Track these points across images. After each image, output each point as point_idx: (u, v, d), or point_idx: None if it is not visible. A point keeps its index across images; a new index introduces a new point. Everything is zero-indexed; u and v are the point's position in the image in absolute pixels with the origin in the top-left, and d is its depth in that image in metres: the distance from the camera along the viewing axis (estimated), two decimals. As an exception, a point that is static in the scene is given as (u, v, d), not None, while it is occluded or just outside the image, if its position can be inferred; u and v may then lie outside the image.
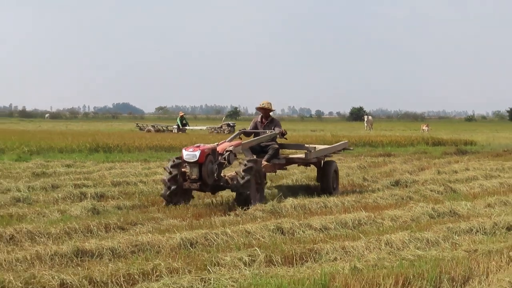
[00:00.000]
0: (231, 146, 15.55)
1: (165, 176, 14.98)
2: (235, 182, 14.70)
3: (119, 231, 12.06)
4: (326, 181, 17.88)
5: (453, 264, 9.35)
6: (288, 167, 19.41)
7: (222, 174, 15.23)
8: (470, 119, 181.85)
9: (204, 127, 63.42)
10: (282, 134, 17.70)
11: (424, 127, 74.58)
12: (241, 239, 11.29)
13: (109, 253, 10.02)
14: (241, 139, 17.65)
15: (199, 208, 14.88)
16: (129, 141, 35.72)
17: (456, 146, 40.67)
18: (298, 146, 19.36)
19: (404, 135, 51.13)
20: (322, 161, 18.53)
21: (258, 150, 17.15)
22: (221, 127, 60.93)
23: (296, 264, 9.75)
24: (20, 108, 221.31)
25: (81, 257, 9.78)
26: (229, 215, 14.02)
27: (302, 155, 17.94)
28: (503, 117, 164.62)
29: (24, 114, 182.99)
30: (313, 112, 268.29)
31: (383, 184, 19.87)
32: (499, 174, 22.58)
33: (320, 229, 12.45)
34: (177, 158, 14.93)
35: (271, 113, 18.68)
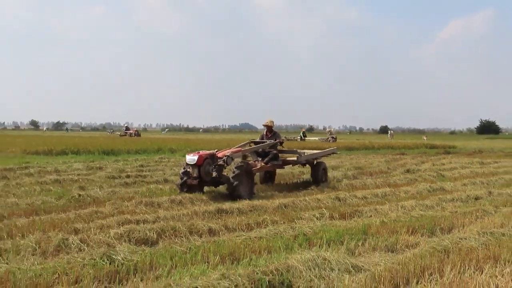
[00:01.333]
0: (229, 152, 13.37)
1: (179, 181, 12.88)
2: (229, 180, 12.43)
3: (247, 199, 12.09)
4: (316, 176, 15.56)
5: (442, 220, 9.31)
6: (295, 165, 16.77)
7: (225, 173, 12.98)
8: (452, 132, 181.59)
9: (317, 138, 61.14)
10: (281, 143, 15.38)
11: (424, 137, 73.88)
12: (314, 204, 11.34)
13: (237, 211, 10.16)
14: (250, 145, 15.23)
15: (289, 186, 14.94)
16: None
17: (444, 149, 40.69)
18: (292, 152, 16.36)
19: (412, 142, 50.64)
20: (315, 162, 16.07)
21: (263, 154, 14.73)
22: (328, 138, 58.90)
23: (347, 218, 9.75)
24: (185, 125, 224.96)
25: (220, 213, 9.94)
26: (307, 189, 14.05)
27: (295, 158, 15.47)
28: (472, 131, 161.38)
29: (187, 129, 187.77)
30: (357, 128, 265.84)
31: (399, 171, 19.57)
32: (470, 166, 22.21)
33: (362, 198, 12.40)
34: (187, 165, 12.72)
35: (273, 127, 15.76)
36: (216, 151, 13.28)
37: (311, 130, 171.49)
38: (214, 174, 12.55)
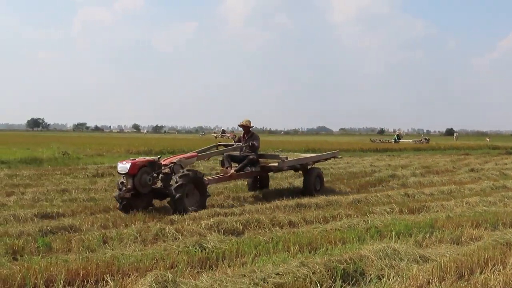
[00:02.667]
0: (177, 158, 10.29)
1: (118, 206, 9.56)
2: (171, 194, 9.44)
3: (319, 195, 11.97)
4: (307, 184, 12.55)
5: (505, 215, 8.99)
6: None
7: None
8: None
9: (411, 141, 59.40)
10: (252, 147, 12.00)
11: (487, 139, 71.31)
12: (385, 199, 11.22)
13: (314, 205, 10.17)
14: (217, 148, 12.31)
15: (362, 184, 14.77)
16: (323, 145, 35.65)
17: (506, 149, 39.00)
18: (274, 157, 12.87)
19: (476, 143, 49.47)
20: (309, 167, 13.07)
21: (239, 159, 11.95)
22: (421, 140, 57.35)
23: (415, 213, 9.58)
24: (268, 128, 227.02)
25: (299, 207, 10.00)
26: (378, 186, 13.92)
27: (276, 164, 12.23)
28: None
29: (270, 132, 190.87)
30: (424, 130, 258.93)
31: (464, 170, 18.96)
32: (532, 166, 21.37)
33: (429, 194, 12.15)
34: (121, 183, 9.74)
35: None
36: (159, 158, 10.29)
37: (382, 132, 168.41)
38: (160, 184, 10.09)
